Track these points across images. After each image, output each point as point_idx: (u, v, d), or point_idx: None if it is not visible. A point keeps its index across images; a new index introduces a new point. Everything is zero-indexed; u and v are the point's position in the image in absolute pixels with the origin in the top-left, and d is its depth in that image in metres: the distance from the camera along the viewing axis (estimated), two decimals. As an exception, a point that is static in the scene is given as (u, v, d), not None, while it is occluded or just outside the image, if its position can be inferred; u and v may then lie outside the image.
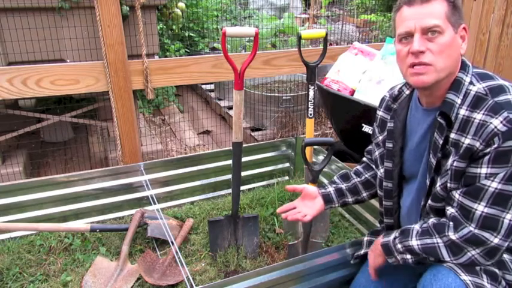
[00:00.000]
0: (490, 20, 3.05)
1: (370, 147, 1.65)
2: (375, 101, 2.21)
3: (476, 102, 1.16)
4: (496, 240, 1.14)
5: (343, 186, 1.64)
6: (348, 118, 2.35)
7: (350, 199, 1.64)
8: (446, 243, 1.21)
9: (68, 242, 2.07)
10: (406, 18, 1.20)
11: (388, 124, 1.46)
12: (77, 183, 2.16)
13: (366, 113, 2.19)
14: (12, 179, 2.70)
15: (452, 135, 1.20)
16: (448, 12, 1.17)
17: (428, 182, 1.29)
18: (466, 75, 1.22)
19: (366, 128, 2.22)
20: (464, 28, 1.21)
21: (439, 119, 1.22)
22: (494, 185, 1.12)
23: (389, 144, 1.45)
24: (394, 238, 1.33)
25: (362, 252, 1.57)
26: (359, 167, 1.68)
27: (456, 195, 1.20)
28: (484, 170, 1.13)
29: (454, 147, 1.20)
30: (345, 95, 2.32)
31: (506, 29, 3.03)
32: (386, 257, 1.37)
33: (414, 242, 1.27)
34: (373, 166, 1.61)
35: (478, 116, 1.14)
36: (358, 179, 1.64)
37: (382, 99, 1.54)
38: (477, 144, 1.13)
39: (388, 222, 1.53)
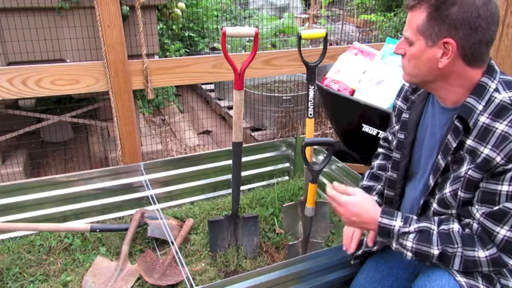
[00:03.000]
0: (490, 20, 3.05)
1: (385, 134, 1.62)
2: (375, 101, 2.21)
3: (500, 111, 1.12)
4: None
5: (380, 186, 1.56)
6: (348, 118, 2.35)
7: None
8: (467, 257, 1.17)
9: (68, 242, 2.07)
10: None
11: (403, 115, 1.44)
12: (77, 183, 2.16)
13: (366, 113, 2.19)
14: (12, 179, 2.70)
15: (469, 142, 1.16)
16: (423, 24, 1.14)
17: (432, 183, 1.28)
18: (492, 81, 1.16)
19: (366, 128, 2.22)
20: (446, 43, 1.12)
21: (456, 122, 1.19)
22: None
23: (401, 136, 1.43)
24: (407, 232, 1.23)
25: (360, 252, 1.55)
26: (380, 162, 1.62)
27: (477, 215, 1.16)
28: (505, 188, 1.10)
29: (470, 155, 1.16)
30: (345, 95, 2.32)
31: (506, 29, 3.03)
32: (378, 235, 1.32)
33: (436, 251, 1.19)
34: None
35: (501, 127, 1.10)
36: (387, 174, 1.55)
37: (401, 88, 1.51)
38: (498, 158, 1.09)
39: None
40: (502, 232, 1.12)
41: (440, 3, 1.11)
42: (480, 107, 1.15)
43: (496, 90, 1.15)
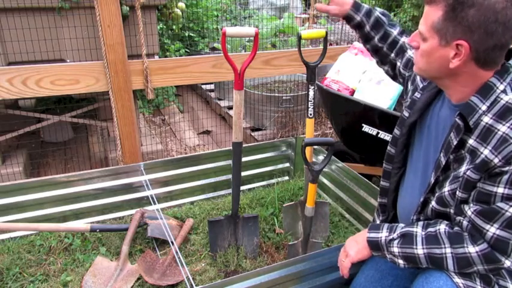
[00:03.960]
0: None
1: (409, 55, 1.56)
2: (374, 101, 2.21)
3: (504, 113, 1.10)
4: (507, 263, 1.13)
5: (377, 13, 1.59)
6: (348, 118, 2.35)
7: (368, 26, 1.59)
8: (459, 255, 1.17)
9: (68, 242, 2.07)
10: None
11: (416, 94, 1.41)
12: (77, 183, 2.16)
13: (366, 113, 2.19)
14: (12, 179, 2.70)
15: (471, 142, 1.15)
16: (438, 21, 1.12)
17: (432, 180, 1.28)
18: (501, 82, 1.13)
19: (366, 128, 2.22)
20: (459, 45, 1.10)
21: (457, 120, 1.18)
22: (511, 210, 1.09)
23: (405, 113, 1.42)
24: (391, 239, 1.29)
25: None
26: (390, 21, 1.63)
27: (469, 212, 1.16)
28: (500, 190, 1.09)
29: (471, 154, 1.15)
30: (345, 95, 2.32)
31: (506, 29, 3.03)
32: (372, 252, 1.35)
33: (420, 251, 1.23)
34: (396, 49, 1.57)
35: (503, 128, 1.08)
36: (388, 28, 1.59)
37: None
38: (495, 160, 1.08)
39: (384, 186, 1.53)
40: (492, 230, 1.12)
41: (458, 4, 1.08)
42: (484, 107, 1.13)
43: (504, 91, 1.13)
